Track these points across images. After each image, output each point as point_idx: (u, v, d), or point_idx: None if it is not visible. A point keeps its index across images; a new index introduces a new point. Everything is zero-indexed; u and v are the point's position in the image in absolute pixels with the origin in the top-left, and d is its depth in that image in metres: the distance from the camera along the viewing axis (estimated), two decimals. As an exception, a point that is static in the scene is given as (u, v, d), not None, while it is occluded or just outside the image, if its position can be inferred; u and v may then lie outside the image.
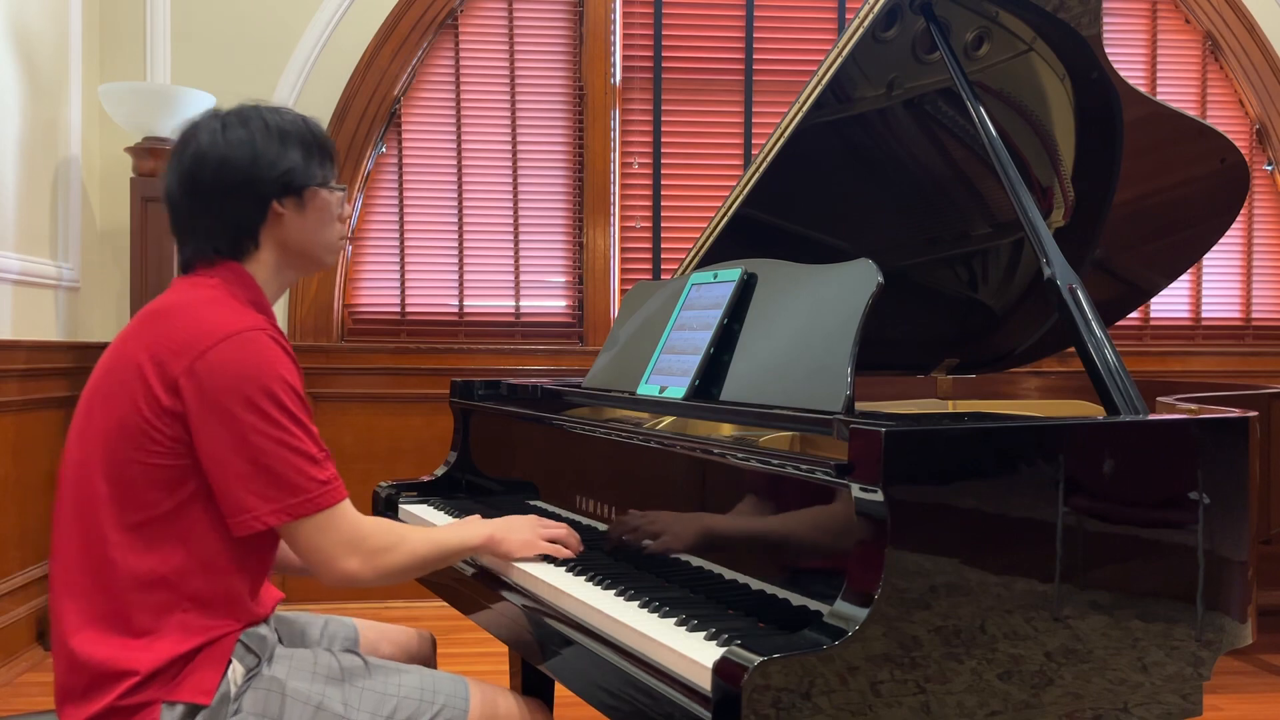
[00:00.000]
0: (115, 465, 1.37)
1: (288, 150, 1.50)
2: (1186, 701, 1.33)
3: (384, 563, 1.45)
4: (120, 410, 1.38)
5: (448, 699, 1.50)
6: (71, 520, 1.40)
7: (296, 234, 1.53)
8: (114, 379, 1.41)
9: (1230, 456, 1.40)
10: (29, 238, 3.43)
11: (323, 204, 1.55)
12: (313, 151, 1.53)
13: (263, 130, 1.50)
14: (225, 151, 1.47)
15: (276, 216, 1.50)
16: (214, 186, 1.47)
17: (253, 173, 1.47)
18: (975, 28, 2.05)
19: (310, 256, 1.56)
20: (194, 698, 1.35)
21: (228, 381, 1.35)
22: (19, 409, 3.32)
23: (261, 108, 1.54)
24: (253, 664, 1.42)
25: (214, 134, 1.48)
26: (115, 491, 1.37)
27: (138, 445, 1.36)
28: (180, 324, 1.40)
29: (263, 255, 1.51)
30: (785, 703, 1.08)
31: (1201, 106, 4.30)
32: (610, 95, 4.15)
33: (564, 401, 2.04)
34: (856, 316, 1.46)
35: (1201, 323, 4.37)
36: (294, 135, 1.52)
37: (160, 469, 1.36)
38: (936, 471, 1.19)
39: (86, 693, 1.34)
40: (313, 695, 1.43)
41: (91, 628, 1.35)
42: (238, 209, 1.48)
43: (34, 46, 3.45)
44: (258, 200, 1.48)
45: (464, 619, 1.84)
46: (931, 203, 2.36)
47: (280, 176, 1.49)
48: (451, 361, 4.05)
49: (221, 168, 1.46)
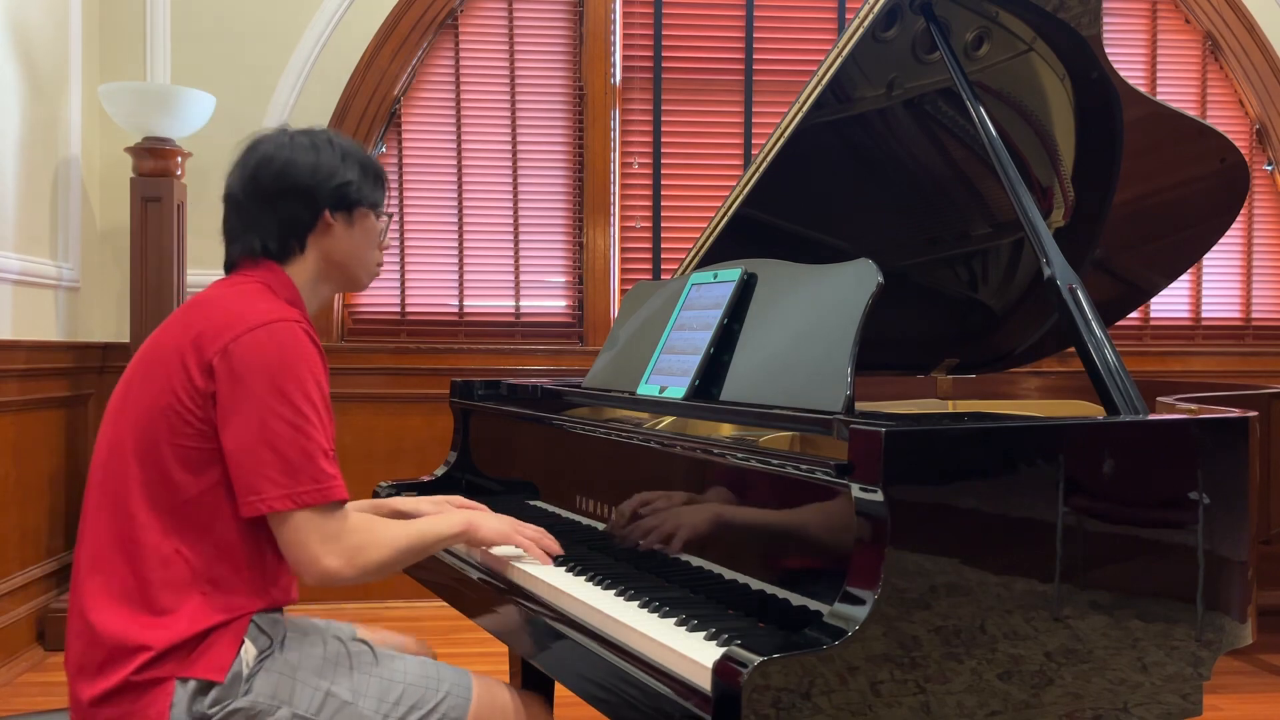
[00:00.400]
0: (148, 446, 1.43)
1: (347, 167, 1.59)
2: (1186, 701, 1.33)
3: (364, 560, 1.46)
4: (156, 391, 1.44)
5: (451, 688, 1.53)
6: (101, 498, 1.45)
7: (342, 248, 1.60)
8: (152, 363, 1.47)
9: (1230, 456, 1.41)
10: (29, 238, 3.43)
11: (371, 226, 1.64)
12: (369, 175, 1.63)
13: (327, 145, 1.59)
14: (290, 156, 1.56)
15: (326, 226, 1.58)
16: (274, 186, 1.55)
17: (313, 179, 1.56)
18: (975, 28, 2.05)
19: (349, 273, 1.63)
20: (208, 674, 1.39)
21: (258, 365, 1.41)
22: (19, 409, 3.32)
23: (327, 129, 1.64)
24: (265, 645, 1.46)
25: (280, 143, 1.58)
26: (146, 472, 1.43)
27: (170, 426, 1.42)
28: (219, 311, 1.47)
29: (306, 262, 1.59)
30: (785, 702, 1.08)
31: (1201, 106, 4.30)
32: (610, 95, 4.15)
33: (564, 401, 2.04)
34: (856, 316, 1.46)
35: (1201, 323, 4.37)
36: (355, 156, 1.62)
37: (190, 451, 1.42)
38: (936, 471, 1.19)
39: (102, 667, 1.39)
40: (322, 680, 1.47)
41: (112, 603, 1.40)
42: (292, 211, 1.56)
43: (34, 46, 3.45)
44: (312, 206, 1.57)
45: (464, 619, 1.85)
46: (931, 203, 2.36)
47: (337, 189, 1.57)
48: (451, 361, 4.05)
49: (285, 170, 1.55)
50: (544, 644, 1.50)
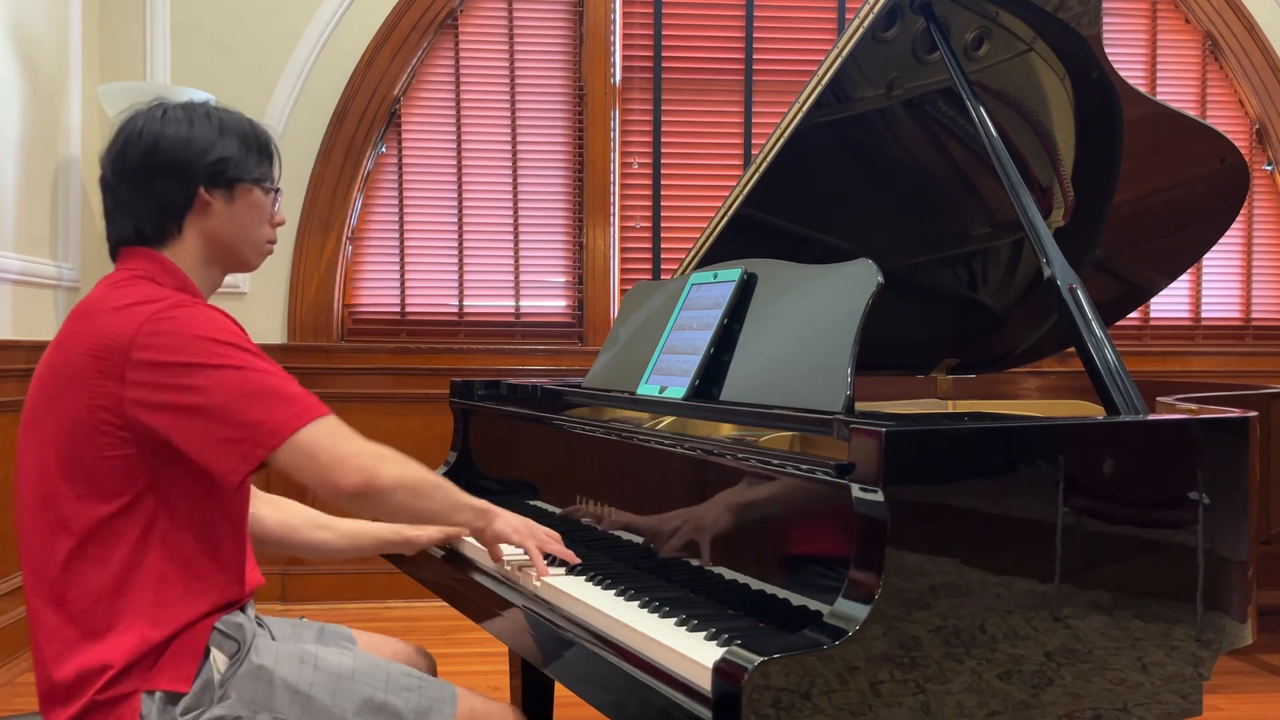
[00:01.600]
0: (72, 467, 1.37)
1: (224, 140, 1.49)
2: (1186, 701, 1.33)
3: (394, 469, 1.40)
4: (69, 409, 1.37)
5: (433, 700, 1.49)
6: (35, 522, 1.40)
7: (223, 227, 1.50)
8: (57, 380, 1.40)
9: (1230, 456, 1.41)
10: (29, 238, 3.43)
11: (255, 202, 1.53)
12: (251, 147, 1.52)
13: (203, 119, 1.49)
14: (159, 134, 1.46)
15: (204, 205, 1.48)
16: (141, 166, 1.46)
17: (183, 157, 1.46)
18: (975, 28, 2.05)
19: (235, 253, 1.53)
20: (172, 685, 1.35)
21: (172, 347, 1.34)
22: (19, 409, 3.31)
23: (209, 104, 1.54)
24: (233, 651, 1.42)
25: (152, 119, 1.49)
26: (74, 487, 1.37)
27: (89, 440, 1.36)
28: (110, 316, 1.39)
29: (187, 245, 1.49)
30: (785, 703, 1.08)
31: (1201, 106, 4.30)
32: (610, 95, 4.15)
33: (564, 401, 2.04)
34: (856, 316, 1.46)
35: (1201, 323, 4.37)
36: (234, 129, 1.51)
37: (115, 460, 1.36)
38: (936, 472, 1.19)
39: (68, 694, 1.36)
40: (300, 685, 1.43)
41: (61, 636, 1.36)
42: (164, 191, 1.47)
43: (34, 46, 3.45)
44: (185, 184, 1.47)
45: (464, 619, 1.84)
46: (931, 203, 2.36)
47: (211, 164, 1.48)
48: (451, 361, 4.05)
49: (152, 148, 1.46)
50: (544, 644, 1.50)
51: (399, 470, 1.42)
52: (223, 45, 3.95)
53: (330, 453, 1.37)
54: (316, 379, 3.92)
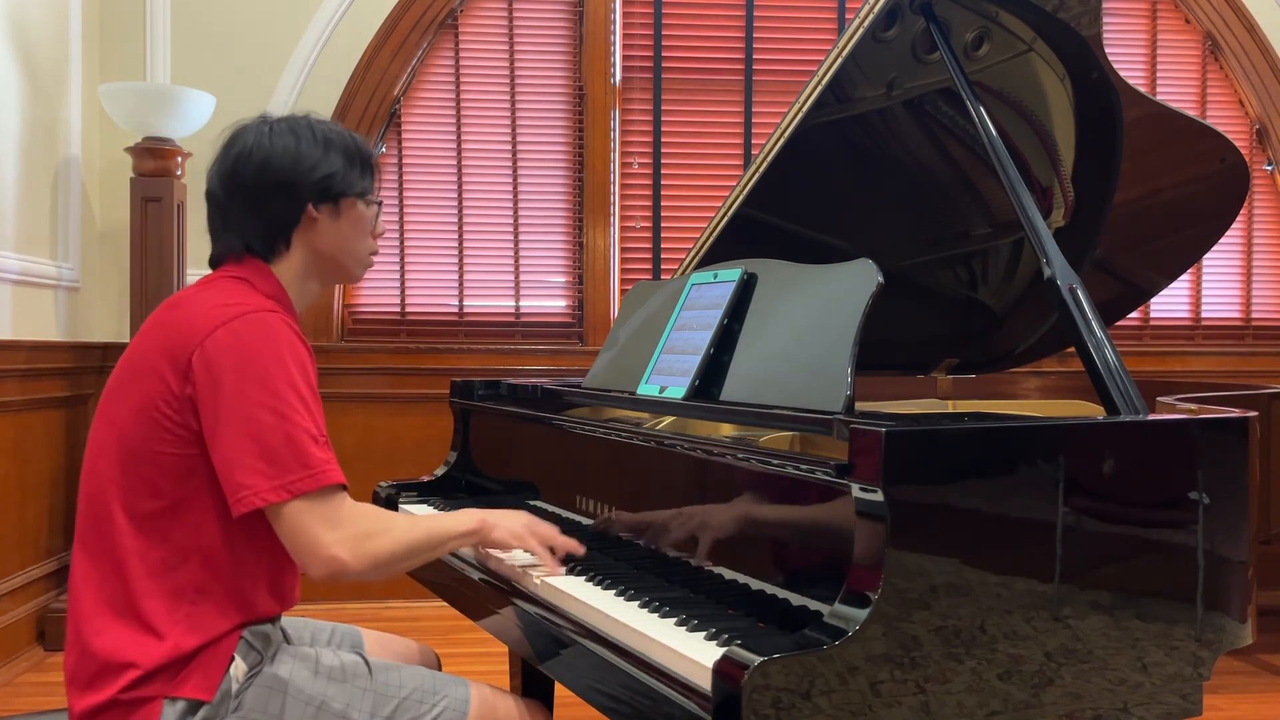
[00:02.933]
0: (128, 453, 1.39)
1: (330, 157, 1.53)
2: (1186, 701, 1.33)
3: (373, 549, 1.39)
4: (135, 400, 1.40)
5: (449, 700, 1.49)
6: (89, 507, 1.42)
7: (328, 241, 1.55)
8: (131, 371, 1.44)
9: (1230, 456, 1.41)
10: (29, 238, 3.43)
11: (358, 215, 1.57)
12: (355, 162, 1.56)
13: (308, 136, 1.53)
14: (269, 151, 1.50)
15: (311, 221, 1.53)
16: (254, 184, 1.50)
17: (293, 174, 1.50)
18: (975, 28, 2.05)
19: (339, 265, 1.58)
20: (196, 694, 1.36)
21: (232, 359, 1.37)
22: (19, 409, 3.32)
23: (310, 117, 1.58)
24: (255, 661, 1.43)
25: (260, 135, 1.52)
26: (127, 480, 1.39)
27: (150, 434, 1.38)
28: (192, 312, 1.43)
29: (292, 258, 1.54)
30: (785, 703, 1.08)
31: (1201, 106, 4.30)
32: (610, 95, 4.15)
33: (564, 401, 2.04)
34: (856, 316, 1.46)
35: (1201, 323, 4.37)
36: (338, 144, 1.55)
37: (170, 458, 1.38)
38: (936, 471, 1.19)
39: (92, 682, 1.36)
40: (314, 694, 1.43)
41: (102, 615, 1.38)
42: (274, 208, 1.51)
43: (34, 46, 3.45)
44: (295, 202, 1.51)
45: (464, 619, 1.85)
46: (931, 203, 2.36)
47: (319, 181, 1.52)
48: (451, 361, 4.05)
49: (264, 166, 1.50)
50: (544, 645, 1.50)
51: (374, 551, 1.40)
52: (223, 45, 3.95)
53: (307, 537, 1.36)
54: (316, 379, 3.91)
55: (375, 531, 1.41)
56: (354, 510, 1.41)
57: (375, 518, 1.44)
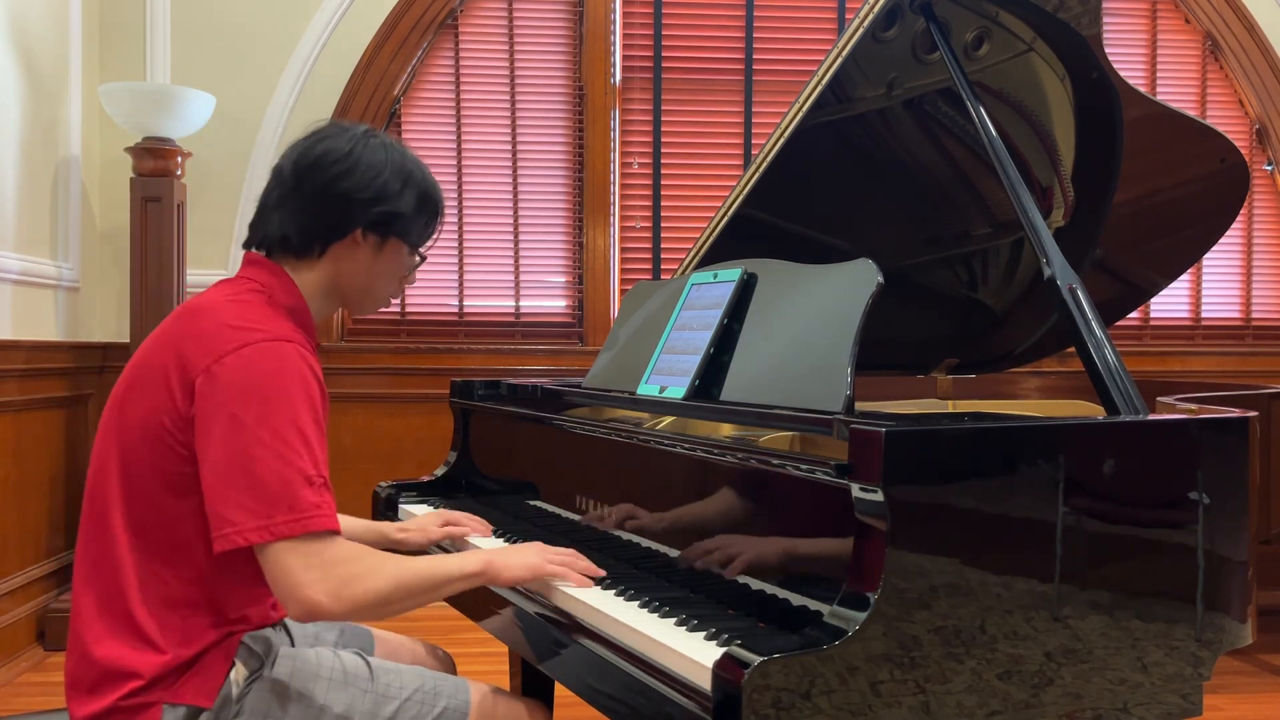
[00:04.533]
0: (131, 466, 1.37)
1: (404, 196, 1.51)
2: (1186, 701, 1.33)
3: (354, 592, 1.31)
4: (142, 410, 1.37)
5: (449, 700, 1.49)
6: (90, 513, 1.41)
7: (359, 269, 1.52)
8: (141, 378, 1.40)
9: (1230, 456, 1.41)
10: (29, 238, 3.43)
11: (398, 261, 1.55)
12: (423, 211, 1.54)
13: (397, 166, 1.51)
14: (353, 163, 1.48)
15: (353, 243, 1.50)
16: (323, 181, 1.47)
17: (361, 194, 1.48)
18: (975, 28, 2.05)
19: (354, 295, 1.55)
20: (196, 700, 1.36)
21: (240, 386, 1.32)
22: (19, 409, 3.32)
23: (407, 151, 1.55)
24: (255, 665, 1.42)
25: (355, 143, 1.49)
26: (128, 491, 1.37)
27: (153, 450, 1.36)
28: (209, 325, 1.38)
29: (321, 269, 1.50)
30: (785, 702, 1.08)
31: (1201, 106, 4.30)
32: (610, 95, 4.15)
33: (564, 401, 2.04)
34: (857, 316, 1.46)
35: (1201, 323, 4.37)
36: (416, 186, 1.52)
37: (173, 475, 1.36)
38: (936, 471, 1.19)
39: (92, 689, 1.36)
40: (315, 697, 1.43)
41: (101, 622, 1.36)
42: (329, 214, 1.48)
43: (34, 46, 3.45)
44: (348, 219, 1.48)
45: (464, 619, 1.84)
46: (931, 203, 2.36)
47: (381, 212, 1.49)
48: (451, 361, 4.05)
49: (343, 174, 1.47)
50: (543, 645, 1.50)
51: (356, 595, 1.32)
52: (223, 45, 3.95)
53: (286, 578, 1.29)
54: (316, 379, 3.91)
55: (359, 574, 1.32)
56: (341, 553, 1.33)
57: (359, 559, 1.35)
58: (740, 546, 1.41)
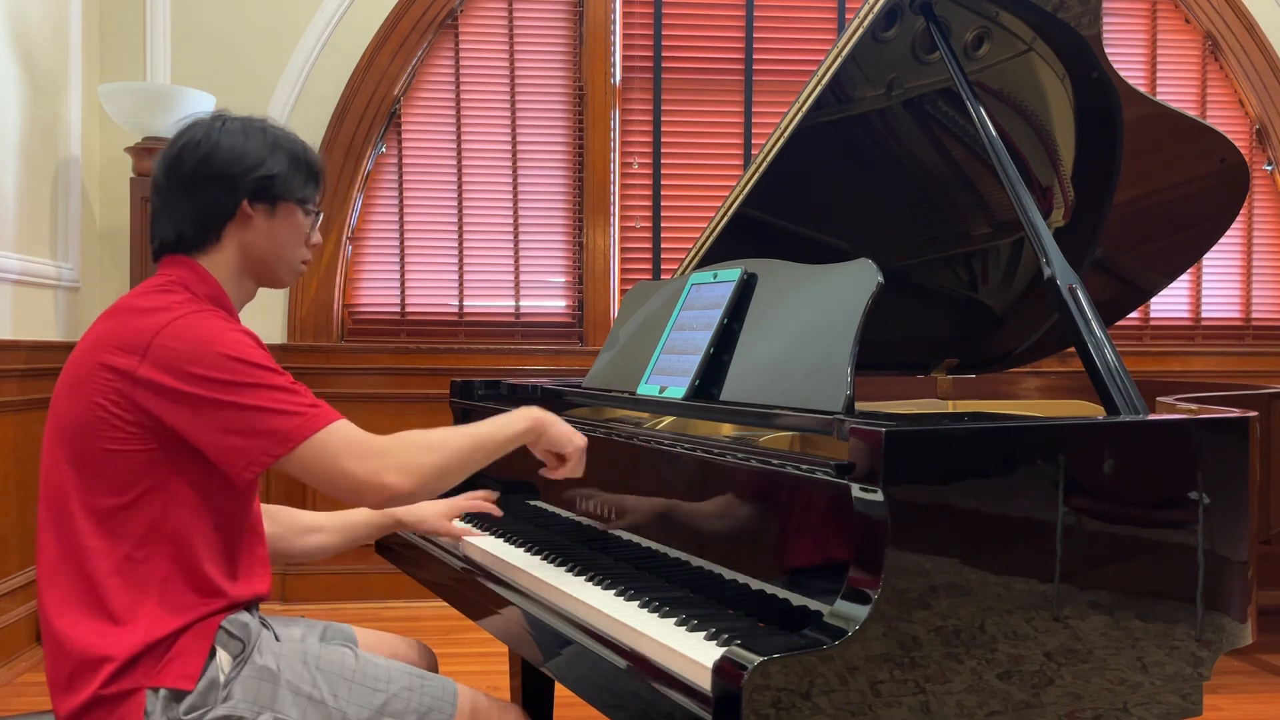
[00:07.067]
0: (82, 455, 1.40)
1: (275, 158, 1.53)
2: (1186, 701, 1.33)
3: (423, 464, 1.43)
4: (83, 402, 1.40)
5: (435, 700, 1.50)
6: (46, 512, 1.43)
7: (260, 241, 1.54)
8: (77, 375, 1.43)
9: (1230, 456, 1.41)
10: (29, 238, 3.43)
11: (295, 222, 1.57)
12: (300, 168, 1.56)
13: (258, 136, 1.54)
14: (215, 143, 1.51)
15: (245, 217, 1.52)
16: (194, 173, 1.50)
17: (234, 168, 1.50)
18: (975, 28, 2.05)
19: (269, 268, 1.57)
20: (177, 683, 1.36)
21: (186, 351, 1.37)
22: (19, 409, 3.32)
23: (266, 120, 1.58)
24: (238, 650, 1.43)
25: (210, 128, 1.53)
26: (83, 480, 1.40)
27: (98, 433, 1.38)
28: (135, 316, 1.43)
29: (224, 253, 1.53)
30: (785, 702, 1.08)
31: (1201, 106, 4.30)
32: (610, 95, 4.15)
33: (564, 401, 2.04)
34: (857, 316, 1.46)
35: (1201, 323, 4.37)
36: (285, 148, 1.55)
37: (123, 455, 1.39)
38: (936, 471, 1.19)
39: (71, 682, 1.37)
40: (303, 685, 1.44)
41: (70, 612, 1.38)
42: (210, 198, 1.51)
43: (34, 46, 3.45)
44: (231, 194, 1.51)
45: (464, 619, 1.85)
46: (932, 203, 2.36)
47: (259, 179, 1.52)
48: (451, 361, 4.06)
49: (207, 157, 1.50)
50: (543, 644, 1.50)
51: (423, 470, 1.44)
52: (223, 45, 3.95)
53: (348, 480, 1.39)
54: (316, 379, 3.92)
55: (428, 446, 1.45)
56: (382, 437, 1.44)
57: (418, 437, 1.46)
58: (740, 546, 1.41)
